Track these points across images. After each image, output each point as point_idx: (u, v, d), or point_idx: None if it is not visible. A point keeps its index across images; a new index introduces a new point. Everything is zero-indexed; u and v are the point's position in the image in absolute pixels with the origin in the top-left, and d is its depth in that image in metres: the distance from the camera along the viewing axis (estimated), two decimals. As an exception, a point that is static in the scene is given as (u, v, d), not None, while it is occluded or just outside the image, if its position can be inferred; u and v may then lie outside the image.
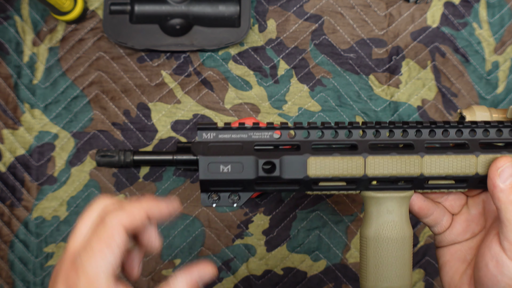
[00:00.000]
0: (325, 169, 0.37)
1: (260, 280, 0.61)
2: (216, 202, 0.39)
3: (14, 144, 0.62)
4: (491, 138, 0.39)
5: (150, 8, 0.62)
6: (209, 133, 0.38)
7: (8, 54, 0.62)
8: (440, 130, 0.39)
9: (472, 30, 0.64)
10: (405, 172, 0.38)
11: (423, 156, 0.38)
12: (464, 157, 0.38)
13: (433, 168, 0.38)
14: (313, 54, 0.63)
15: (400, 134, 0.39)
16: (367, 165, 0.38)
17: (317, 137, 0.38)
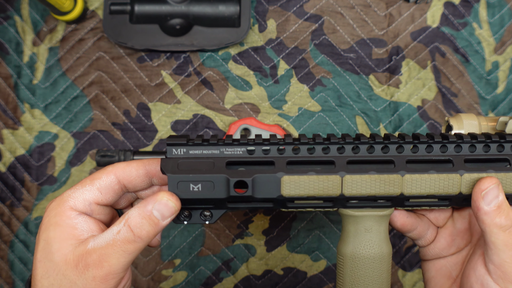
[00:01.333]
0: (300, 188, 0.36)
1: (260, 280, 0.61)
2: (187, 219, 0.37)
3: (14, 144, 0.62)
4: (477, 154, 0.37)
5: (150, 8, 0.62)
6: (179, 149, 0.36)
7: (8, 54, 0.62)
8: (424, 146, 0.37)
9: (472, 30, 0.64)
10: (385, 192, 0.36)
11: (404, 175, 0.36)
12: (447, 176, 0.36)
13: (414, 188, 0.36)
14: (313, 54, 0.63)
15: (381, 149, 0.37)
16: (344, 184, 0.36)
17: (293, 153, 0.36)
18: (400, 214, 0.40)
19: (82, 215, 0.36)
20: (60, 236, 0.35)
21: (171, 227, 0.61)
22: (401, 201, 0.37)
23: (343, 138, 0.37)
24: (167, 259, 0.61)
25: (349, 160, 0.36)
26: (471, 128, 0.40)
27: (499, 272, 0.36)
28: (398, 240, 0.61)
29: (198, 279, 0.61)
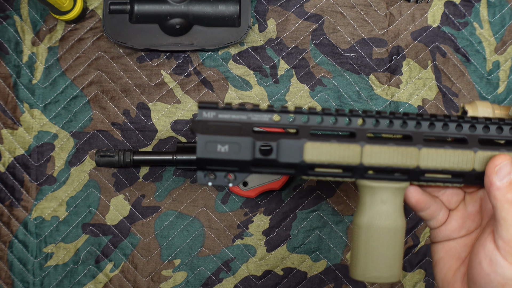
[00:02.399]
0: (321, 155, 0.37)
1: (260, 281, 0.61)
2: (212, 180, 0.39)
3: (13, 144, 0.61)
4: (491, 135, 0.39)
5: (149, 8, 0.61)
6: (209, 112, 0.37)
7: (8, 53, 0.62)
8: (440, 124, 0.39)
9: (472, 29, 0.64)
10: (402, 164, 0.38)
11: (421, 149, 0.38)
12: (462, 152, 0.38)
13: (430, 161, 0.38)
14: (313, 54, 0.63)
15: (400, 125, 0.39)
16: (364, 154, 0.37)
17: (317, 122, 0.38)
18: (416, 191, 0.41)
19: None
20: None
21: (171, 228, 0.61)
22: (417, 175, 0.39)
23: (365, 112, 0.38)
24: (167, 260, 0.61)
25: (370, 132, 0.38)
26: (485, 114, 0.42)
27: (508, 248, 0.36)
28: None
29: (198, 280, 0.61)
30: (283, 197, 0.61)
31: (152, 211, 0.61)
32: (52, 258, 0.61)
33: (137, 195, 0.61)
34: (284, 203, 0.61)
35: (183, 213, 0.61)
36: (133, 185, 0.61)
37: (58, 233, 0.61)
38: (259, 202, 0.61)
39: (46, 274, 0.60)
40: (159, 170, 0.61)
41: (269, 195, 0.61)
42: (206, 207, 0.61)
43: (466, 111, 0.42)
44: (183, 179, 0.61)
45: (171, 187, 0.61)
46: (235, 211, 0.61)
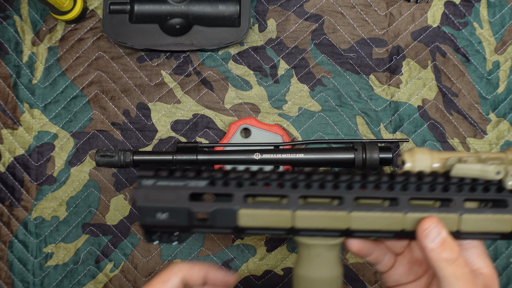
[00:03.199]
0: (255, 221, 0.39)
1: (260, 281, 0.61)
2: (157, 240, 0.42)
3: (13, 144, 0.61)
4: (423, 194, 0.39)
5: (149, 8, 0.61)
6: (148, 180, 0.40)
7: (8, 53, 0.62)
8: (372, 185, 0.39)
9: (472, 29, 0.64)
10: (333, 227, 0.39)
11: (351, 212, 0.39)
12: (391, 215, 0.39)
13: (360, 224, 0.39)
14: (313, 54, 0.63)
15: (331, 188, 0.39)
16: (296, 219, 0.39)
17: (250, 186, 0.40)
18: (355, 241, 0.42)
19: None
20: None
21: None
22: (349, 233, 0.40)
23: (299, 172, 0.40)
24: (166, 260, 0.61)
25: (302, 195, 0.39)
26: (423, 162, 0.42)
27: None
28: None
29: (198, 280, 0.61)
30: (283, 197, 0.61)
31: (152, 211, 0.61)
32: (52, 258, 0.61)
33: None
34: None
35: (183, 213, 0.61)
36: (133, 185, 0.61)
37: (58, 233, 0.61)
38: (259, 202, 0.61)
39: (46, 274, 0.60)
40: (159, 170, 0.61)
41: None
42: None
43: (404, 161, 0.42)
44: (183, 179, 0.61)
45: (171, 187, 0.61)
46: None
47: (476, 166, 0.38)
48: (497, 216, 0.38)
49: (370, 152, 0.58)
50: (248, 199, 0.40)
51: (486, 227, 0.39)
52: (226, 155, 0.57)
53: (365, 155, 0.57)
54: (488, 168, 0.38)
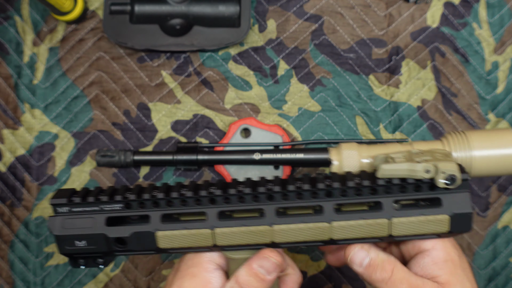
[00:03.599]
0: (174, 241, 0.38)
1: (260, 280, 0.61)
2: (84, 265, 0.40)
3: (14, 144, 0.62)
4: (349, 198, 0.37)
5: (150, 8, 0.62)
6: (63, 208, 0.38)
7: (8, 54, 0.63)
8: (294, 194, 0.37)
9: (472, 30, 0.64)
10: (256, 241, 0.37)
11: (273, 226, 0.37)
12: (315, 225, 0.36)
13: (285, 237, 0.37)
14: (313, 54, 0.63)
15: (251, 199, 0.37)
16: (217, 236, 0.37)
17: (167, 206, 0.38)
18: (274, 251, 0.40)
19: (218, 270, 0.39)
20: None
21: (171, 227, 0.61)
22: (275, 246, 0.38)
23: (217, 185, 0.38)
24: (167, 259, 0.61)
25: (220, 212, 0.38)
26: (351, 159, 0.39)
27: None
28: (398, 240, 0.61)
29: (198, 279, 0.61)
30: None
31: (152, 211, 0.61)
32: (53, 257, 0.61)
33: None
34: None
35: (183, 213, 0.61)
36: (133, 185, 0.61)
37: (59, 233, 0.61)
38: (259, 202, 0.62)
39: (47, 274, 0.61)
40: (159, 170, 0.62)
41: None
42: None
43: (331, 160, 0.40)
44: (183, 179, 0.62)
45: (171, 187, 0.61)
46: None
47: (403, 166, 0.35)
48: (430, 217, 0.36)
49: (369, 152, 0.58)
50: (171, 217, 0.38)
51: (421, 229, 0.36)
52: (226, 155, 0.57)
53: (364, 155, 0.58)
54: (416, 167, 0.35)
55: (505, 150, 0.40)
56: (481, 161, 0.40)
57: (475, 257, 0.62)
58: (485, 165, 0.40)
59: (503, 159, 0.40)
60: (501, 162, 0.40)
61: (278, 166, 0.60)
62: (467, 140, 0.40)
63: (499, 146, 0.40)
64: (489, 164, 0.40)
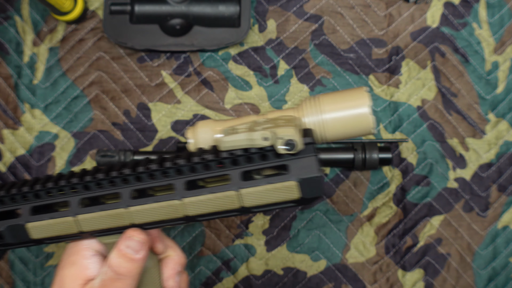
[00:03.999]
0: (45, 231, 0.39)
1: (260, 280, 0.61)
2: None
3: (14, 144, 0.62)
4: (198, 175, 0.37)
5: (150, 8, 0.62)
6: None
7: (8, 54, 0.63)
8: (146, 175, 0.38)
9: (471, 30, 0.64)
10: (118, 224, 0.38)
11: (128, 208, 0.38)
12: (168, 203, 0.37)
13: (143, 217, 0.38)
14: (313, 54, 0.63)
15: (108, 183, 0.38)
16: (81, 223, 0.38)
17: (34, 198, 0.40)
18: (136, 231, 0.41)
19: (96, 256, 0.39)
20: (73, 275, 0.38)
21: (171, 227, 0.61)
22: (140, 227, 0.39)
23: (78, 175, 0.39)
24: (167, 259, 0.61)
25: (81, 199, 0.39)
26: (205, 136, 0.40)
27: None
28: (398, 240, 0.61)
29: (198, 279, 0.61)
30: (283, 197, 0.62)
31: (152, 211, 0.61)
32: (53, 257, 0.61)
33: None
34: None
35: (183, 213, 0.61)
36: (133, 185, 0.61)
37: (59, 233, 0.61)
38: (259, 202, 0.62)
39: (47, 274, 0.61)
40: (159, 170, 0.62)
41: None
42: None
43: (187, 138, 0.40)
44: (183, 179, 0.62)
45: (171, 187, 0.61)
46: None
47: (241, 136, 0.34)
48: (278, 185, 0.35)
49: (369, 152, 0.58)
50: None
51: (272, 197, 0.35)
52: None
53: (364, 155, 0.58)
54: (254, 135, 0.34)
55: (356, 110, 0.38)
56: (334, 124, 0.38)
57: (475, 257, 0.62)
58: (338, 127, 0.38)
59: (354, 119, 0.38)
60: (353, 123, 0.38)
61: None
62: (319, 104, 0.38)
63: (350, 106, 0.38)
64: (342, 126, 0.38)
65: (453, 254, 0.62)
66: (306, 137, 0.35)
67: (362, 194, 0.62)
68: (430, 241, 0.62)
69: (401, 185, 0.62)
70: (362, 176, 0.62)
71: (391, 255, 0.61)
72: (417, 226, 0.62)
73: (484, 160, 0.63)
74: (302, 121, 0.38)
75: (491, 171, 0.63)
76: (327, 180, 0.62)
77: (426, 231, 0.62)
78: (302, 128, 0.37)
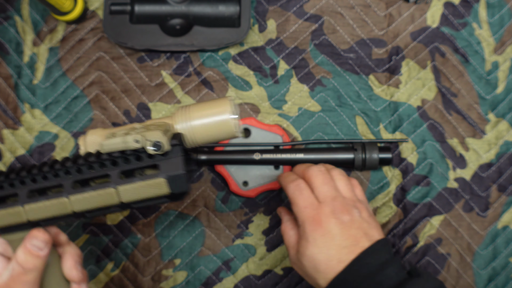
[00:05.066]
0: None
1: (260, 280, 0.61)
2: None
3: (14, 144, 0.62)
4: (84, 175, 0.42)
5: (150, 8, 0.62)
6: None
7: (8, 54, 0.63)
8: (40, 177, 0.43)
9: (471, 30, 0.64)
10: (9, 223, 0.43)
11: (24, 206, 0.43)
12: (58, 201, 0.42)
13: (36, 214, 0.43)
14: (313, 54, 0.63)
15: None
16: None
17: None
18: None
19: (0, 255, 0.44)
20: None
21: (171, 227, 0.61)
22: (35, 225, 0.44)
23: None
24: (167, 259, 0.61)
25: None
26: (94, 142, 0.45)
27: None
28: (398, 240, 0.61)
29: (198, 279, 0.61)
30: (283, 197, 0.62)
31: (152, 210, 0.61)
32: None
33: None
34: (284, 203, 0.62)
35: (183, 213, 0.61)
36: None
37: (59, 233, 0.61)
38: (259, 202, 0.62)
39: (47, 274, 0.61)
40: (159, 170, 0.62)
41: (269, 195, 0.62)
42: (206, 207, 0.61)
43: (79, 146, 0.45)
44: (183, 179, 0.62)
45: (171, 187, 0.61)
46: (235, 211, 0.61)
47: (117, 140, 0.40)
48: (150, 181, 0.40)
49: (369, 152, 0.58)
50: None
51: (146, 193, 0.41)
52: (226, 155, 0.57)
53: (364, 155, 0.58)
54: (127, 138, 0.40)
55: (219, 116, 0.44)
56: (201, 129, 0.44)
57: (475, 257, 0.62)
58: (205, 132, 0.45)
59: (218, 125, 0.44)
60: (217, 127, 0.44)
61: (278, 166, 0.60)
62: (188, 112, 0.44)
63: (213, 114, 0.44)
64: (208, 130, 0.45)
65: (453, 254, 0.62)
66: (173, 139, 0.41)
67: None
68: (430, 241, 0.62)
69: (401, 185, 0.62)
70: (362, 176, 0.62)
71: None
72: (417, 226, 0.62)
73: (484, 160, 0.63)
74: (174, 127, 0.44)
75: (491, 171, 0.63)
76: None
77: (426, 231, 0.62)
78: (172, 132, 0.42)
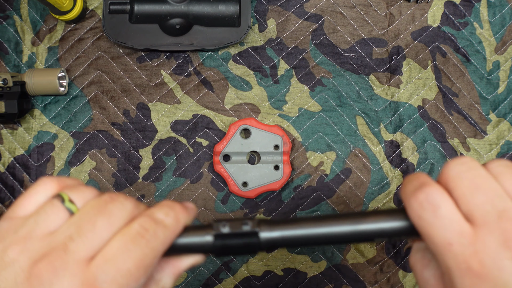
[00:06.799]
0: None
1: (260, 281, 0.61)
2: None
3: (13, 144, 0.61)
4: None
5: (149, 8, 0.61)
6: None
7: (8, 53, 0.62)
8: None
9: (473, 29, 0.64)
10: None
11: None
12: None
13: None
14: (313, 54, 0.63)
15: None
16: None
17: None
18: None
19: None
20: None
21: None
22: None
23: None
24: (166, 260, 0.61)
25: None
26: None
27: None
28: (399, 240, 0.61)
29: (198, 280, 0.61)
30: (283, 198, 0.61)
31: (152, 211, 0.61)
32: None
33: (137, 196, 0.61)
34: (284, 204, 0.61)
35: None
36: (133, 186, 0.61)
37: (58, 233, 0.61)
38: (259, 203, 0.61)
39: (46, 274, 0.60)
40: (159, 170, 0.61)
41: (269, 196, 0.61)
42: (206, 207, 0.61)
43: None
44: (183, 179, 0.61)
45: (171, 188, 0.61)
46: (235, 212, 0.61)
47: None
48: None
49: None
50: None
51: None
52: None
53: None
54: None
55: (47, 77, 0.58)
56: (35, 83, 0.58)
57: (476, 258, 0.62)
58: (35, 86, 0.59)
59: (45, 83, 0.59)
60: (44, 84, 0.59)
61: (278, 167, 0.59)
62: (33, 71, 0.59)
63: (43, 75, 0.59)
64: (38, 86, 0.59)
65: (454, 254, 0.61)
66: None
67: (363, 195, 0.61)
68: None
69: (401, 185, 0.61)
70: (363, 177, 0.62)
71: (392, 255, 0.61)
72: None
73: (485, 160, 0.62)
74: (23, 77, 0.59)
75: (492, 172, 0.62)
76: (327, 181, 0.61)
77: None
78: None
